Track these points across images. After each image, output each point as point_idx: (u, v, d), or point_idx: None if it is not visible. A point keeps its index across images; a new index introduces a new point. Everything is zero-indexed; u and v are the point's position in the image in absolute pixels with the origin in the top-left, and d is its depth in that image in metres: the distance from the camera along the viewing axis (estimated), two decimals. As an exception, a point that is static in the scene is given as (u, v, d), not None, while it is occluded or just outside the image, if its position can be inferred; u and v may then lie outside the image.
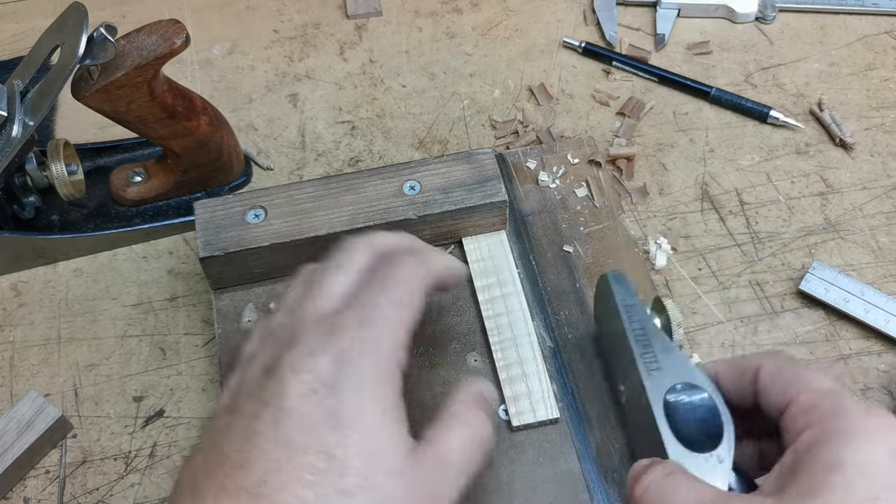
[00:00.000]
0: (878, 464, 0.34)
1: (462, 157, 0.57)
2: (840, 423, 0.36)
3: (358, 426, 0.36)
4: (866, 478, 0.34)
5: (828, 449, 0.35)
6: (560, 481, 0.49)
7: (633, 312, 0.47)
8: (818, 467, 0.35)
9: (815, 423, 0.37)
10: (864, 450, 0.35)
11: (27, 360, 0.57)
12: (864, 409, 0.37)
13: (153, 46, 0.53)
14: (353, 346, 0.38)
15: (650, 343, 0.45)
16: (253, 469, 0.35)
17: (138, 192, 0.62)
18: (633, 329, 0.46)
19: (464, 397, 0.43)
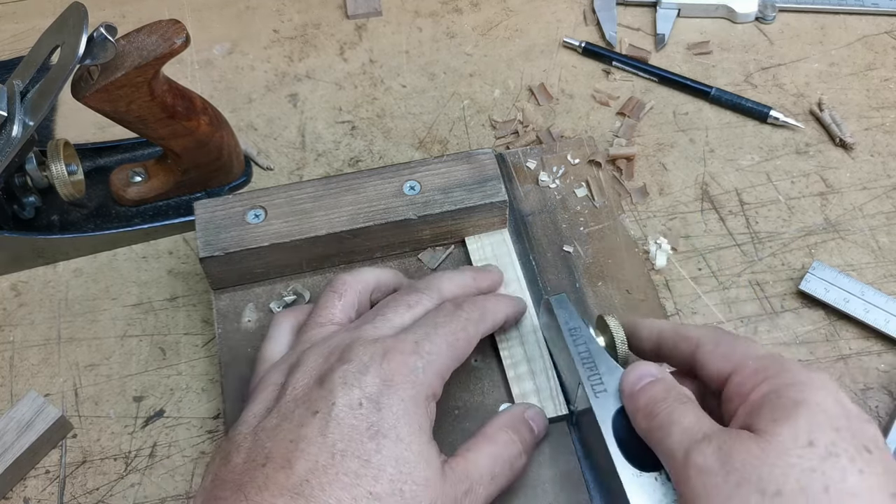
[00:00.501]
0: (832, 405, 0.38)
1: (462, 157, 0.57)
2: (789, 377, 0.39)
3: (393, 438, 0.41)
4: (826, 413, 0.37)
5: (787, 394, 0.38)
6: (560, 481, 0.49)
7: (578, 335, 0.47)
8: (781, 406, 0.38)
9: (764, 382, 0.40)
10: (819, 394, 0.38)
11: (27, 360, 0.57)
12: (805, 366, 0.41)
13: (153, 46, 0.53)
14: (400, 371, 0.42)
15: (595, 365, 0.46)
16: (295, 470, 0.39)
17: (138, 192, 0.62)
18: (579, 352, 0.47)
19: (502, 418, 0.47)
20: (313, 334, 0.47)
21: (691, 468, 0.38)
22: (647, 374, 0.44)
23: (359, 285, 0.50)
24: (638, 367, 0.44)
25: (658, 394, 0.42)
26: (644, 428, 0.42)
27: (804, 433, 0.37)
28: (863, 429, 0.38)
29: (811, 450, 0.36)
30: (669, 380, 0.43)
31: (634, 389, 0.43)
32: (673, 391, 0.42)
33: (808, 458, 0.36)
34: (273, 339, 0.49)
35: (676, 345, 0.46)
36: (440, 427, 0.51)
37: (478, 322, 0.47)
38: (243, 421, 0.43)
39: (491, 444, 0.45)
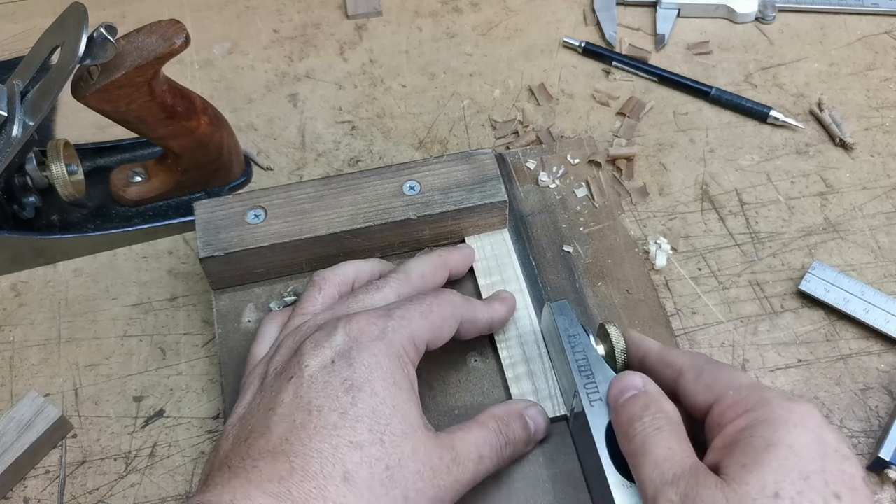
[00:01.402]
0: (807, 446, 0.37)
1: (462, 157, 0.57)
2: (767, 413, 0.39)
3: (368, 392, 0.41)
4: (798, 458, 0.37)
5: (760, 433, 0.38)
6: (560, 481, 0.49)
7: (576, 342, 0.47)
8: (752, 448, 0.38)
9: (743, 414, 0.39)
10: (794, 434, 0.38)
11: (27, 360, 0.57)
12: (787, 398, 0.40)
13: (153, 46, 0.53)
14: (369, 329, 0.43)
15: (592, 373, 0.46)
16: (274, 433, 0.40)
17: (138, 192, 0.62)
18: (577, 359, 0.47)
19: (497, 409, 0.48)
20: (293, 323, 0.48)
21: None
22: (630, 387, 0.44)
23: (337, 279, 0.51)
24: (623, 378, 0.44)
25: (637, 411, 0.42)
26: (623, 448, 0.42)
27: (771, 483, 0.36)
28: (840, 470, 0.37)
29: (776, 502, 0.36)
30: (653, 394, 0.43)
31: (618, 403, 0.44)
32: (652, 408, 0.42)
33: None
34: (261, 339, 0.50)
35: (660, 370, 0.46)
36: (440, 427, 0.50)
37: (458, 304, 0.48)
38: (233, 413, 0.44)
39: (481, 429, 0.46)
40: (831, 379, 0.55)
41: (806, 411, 0.39)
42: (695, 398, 0.43)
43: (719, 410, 0.41)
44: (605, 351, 0.49)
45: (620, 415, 0.43)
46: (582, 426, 0.46)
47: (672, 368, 0.45)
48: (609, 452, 0.44)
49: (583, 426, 0.46)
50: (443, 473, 0.42)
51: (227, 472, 0.39)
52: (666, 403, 0.43)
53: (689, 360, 0.44)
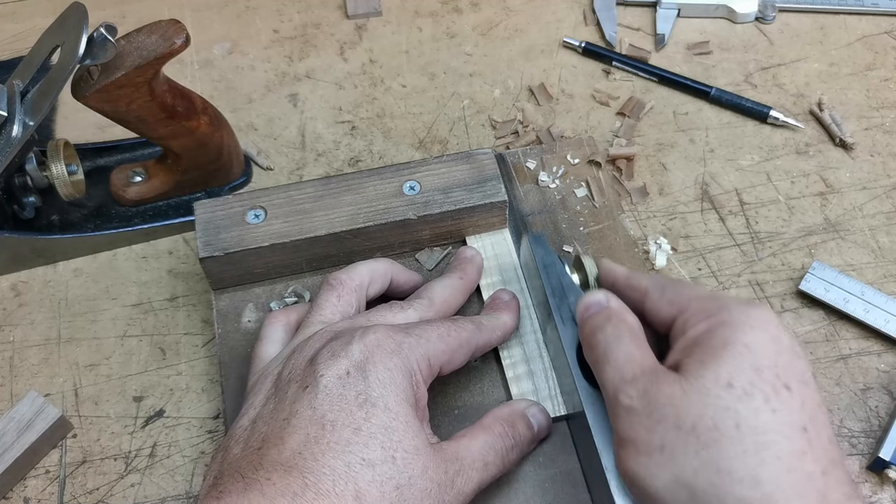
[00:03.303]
0: (761, 344, 0.39)
1: (462, 157, 0.57)
2: (726, 316, 0.41)
3: (382, 407, 0.41)
4: (752, 354, 0.39)
5: (718, 334, 0.40)
6: (560, 481, 0.49)
7: (552, 270, 0.51)
8: (711, 347, 0.40)
9: (704, 319, 0.41)
10: (750, 334, 0.40)
11: (27, 360, 0.57)
12: (745, 303, 0.42)
13: (153, 46, 0.53)
14: (385, 342, 0.43)
15: (565, 296, 0.49)
16: (287, 445, 0.40)
17: (138, 192, 0.62)
18: (551, 284, 0.50)
19: (501, 411, 0.48)
20: (311, 331, 0.48)
21: (619, 407, 0.41)
22: (594, 304, 0.46)
23: (354, 283, 0.50)
24: (587, 295, 0.47)
25: (599, 323, 0.44)
26: (587, 358, 0.45)
27: (725, 375, 0.38)
28: (791, 365, 0.39)
29: (729, 391, 0.38)
30: (615, 308, 0.45)
31: (583, 318, 0.46)
32: (613, 319, 0.44)
33: (725, 398, 0.38)
34: (267, 339, 0.50)
35: (627, 294, 0.47)
36: (440, 427, 0.51)
37: (473, 330, 0.48)
38: (243, 415, 0.44)
39: (485, 434, 0.46)
40: (831, 379, 0.55)
41: (762, 315, 0.41)
42: (659, 314, 0.45)
43: (682, 320, 0.43)
44: (579, 280, 0.51)
45: (585, 327, 0.45)
46: (557, 346, 0.49)
47: (638, 290, 0.47)
48: (581, 368, 0.47)
49: (557, 346, 0.49)
50: (447, 488, 0.42)
51: (240, 482, 0.39)
52: (628, 315, 0.45)
53: (652, 281, 0.46)
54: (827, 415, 0.40)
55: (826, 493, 0.37)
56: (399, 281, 0.53)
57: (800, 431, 0.38)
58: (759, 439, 0.37)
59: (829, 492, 0.37)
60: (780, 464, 0.37)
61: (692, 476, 0.37)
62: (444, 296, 0.51)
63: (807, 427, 0.38)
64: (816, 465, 0.37)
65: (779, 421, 0.38)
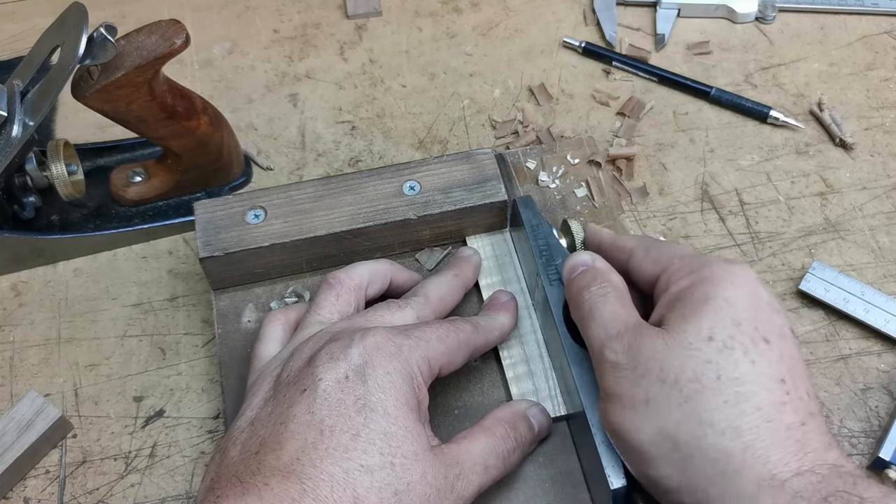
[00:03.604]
0: (741, 299, 0.41)
1: (462, 157, 0.57)
2: (708, 273, 0.42)
3: (381, 412, 0.41)
4: (732, 308, 0.40)
5: (700, 289, 0.41)
6: (560, 481, 0.49)
7: (539, 232, 0.52)
8: (692, 302, 0.41)
9: (686, 276, 0.43)
10: (730, 289, 0.41)
11: (27, 360, 0.57)
12: (727, 261, 0.43)
13: (153, 46, 0.53)
14: (385, 346, 0.43)
15: (553, 257, 0.51)
16: (286, 450, 0.39)
17: (138, 192, 0.62)
18: (539, 245, 0.51)
19: (502, 412, 0.48)
20: (310, 331, 0.48)
21: (605, 363, 0.42)
22: (580, 264, 0.47)
23: (353, 282, 0.50)
24: (573, 256, 0.48)
25: (585, 283, 0.46)
26: (573, 317, 0.46)
27: (706, 329, 0.40)
28: (770, 319, 0.41)
29: (709, 343, 0.39)
30: (600, 268, 0.47)
31: (570, 278, 0.47)
32: (599, 279, 0.45)
33: (706, 351, 0.39)
34: (266, 338, 0.50)
35: (613, 255, 0.48)
36: (440, 427, 0.51)
37: (471, 331, 0.48)
38: (241, 416, 0.44)
39: (487, 436, 0.45)
40: (831, 379, 0.55)
41: (743, 271, 0.42)
42: (643, 273, 0.46)
43: (665, 277, 0.44)
44: (567, 243, 0.52)
45: (571, 287, 0.47)
46: (544, 306, 0.50)
47: (623, 251, 0.48)
48: (567, 327, 0.48)
49: (545, 306, 0.50)
50: (447, 492, 0.42)
51: (238, 486, 0.38)
52: (613, 275, 0.46)
53: (637, 241, 0.48)
54: (806, 369, 0.41)
55: (805, 442, 0.37)
56: (399, 281, 0.53)
57: (778, 383, 0.39)
58: (738, 390, 0.38)
59: (808, 441, 0.38)
60: (759, 414, 0.38)
61: (675, 428, 0.38)
62: (439, 293, 0.51)
63: (785, 379, 0.39)
64: (795, 416, 0.38)
65: (757, 372, 0.39)
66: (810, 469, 0.37)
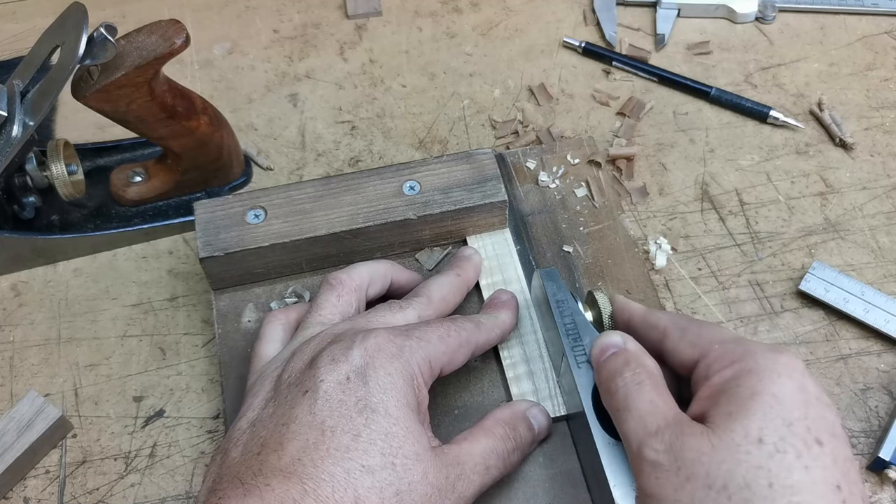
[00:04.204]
0: (790, 394, 0.38)
1: (462, 157, 0.57)
2: (753, 363, 0.39)
3: (382, 413, 0.41)
4: (782, 406, 0.38)
5: (745, 383, 0.39)
6: (560, 481, 0.49)
7: (564, 307, 0.49)
8: (738, 397, 0.38)
9: (729, 365, 0.40)
10: (778, 383, 0.38)
11: (27, 360, 0.57)
12: (771, 349, 0.40)
13: (153, 46, 0.53)
14: (386, 346, 0.43)
15: (580, 337, 0.47)
16: (287, 451, 0.39)
17: (138, 192, 0.62)
18: (565, 323, 0.48)
19: (502, 413, 0.48)
20: (311, 332, 0.48)
21: (644, 462, 0.39)
22: (610, 346, 0.44)
23: (354, 283, 0.50)
24: (604, 337, 0.45)
25: (617, 368, 0.43)
26: (605, 405, 0.43)
27: (755, 430, 0.37)
28: (822, 417, 0.38)
29: (760, 447, 0.37)
30: (633, 351, 0.44)
31: (599, 361, 0.44)
32: (632, 364, 0.43)
33: (756, 455, 0.37)
34: (266, 338, 0.50)
35: (645, 332, 0.46)
36: (440, 427, 0.51)
37: (472, 329, 0.48)
38: (242, 417, 0.44)
39: (487, 437, 0.45)
40: (831, 379, 0.55)
41: (789, 361, 0.40)
42: (680, 356, 0.43)
43: (705, 364, 0.41)
44: (592, 317, 0.50)
45: (602, 372, 0.44)
46: (570, 388, 0.47)
47: (656, 329, 0.45)
48: (596, 413, 0.45)
49: (571, 388, 0.47)
50: (448, 492, 0.42)
51: (239, 487, 0.38)
52: (646, 359, 0.43)
53: (672, 320, 0.45)
54: (858, 470, 0.39)
55: None
56: (399, 282, 0.53)
57: (834, 490, 0.36)
58: (793, 500, 0.36)
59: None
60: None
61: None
62: (441, 293, 0.51)
63: (840, 485, 0.37)
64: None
65: (812, 479, 0.36)
66: None
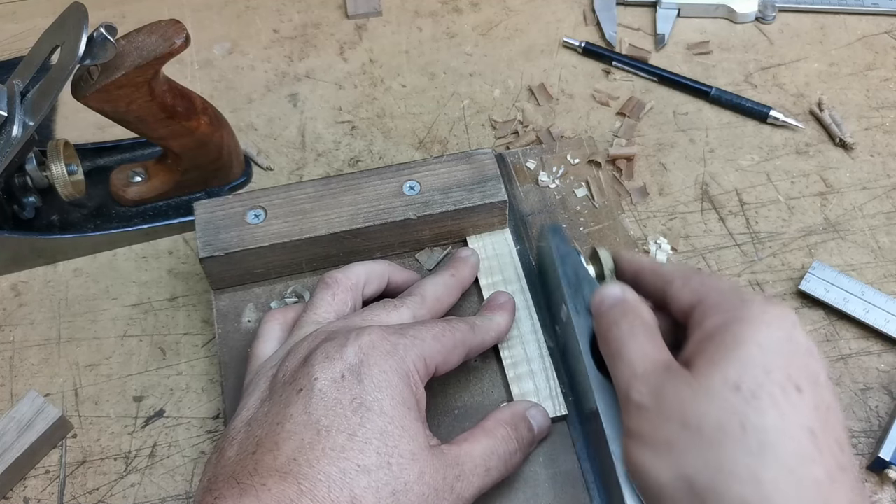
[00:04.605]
0: (775, 343, 0.39)
1: (462, 157, 0.57)
2: (743, 312, 0.40)
3: (377, 411, 0.41)
4: (764, 354, 0.39)
5: (733, 330, 0.40)
6: (560, 481, 0.49)
7: (567, 261, 0.51)
8: (723, 344, 0.40)
9: (721, 313, 0.41)
10: (765, 333, 0.39)
11: (27, 360, 0.57)
12: (764, 299, 0.41)
13: (153, 46, 0.53)
14: (381, 344, 0.43)
15: (581, 287, 0.49)
16: (283, 450, 0.40)
17: (138, 192, 0.62)
18: (566, 274, 0.50)
19: (503, 414, 0.48)
20: (306, 331, 0.48)
21: (630, 403, 0.41)
22: (610, 297, 0.46)
23: (349, 281, 0.50)
24: (604, 288, 0.47)
25: (615, 317, 0.45)
26: (602, 351, 0.45)
27: (734, 377, 0.38)
28: (805, 365, 0.39)
29: (736, 393, 0.38)
30: (631, 301, 0.45)
31: (599, 311, 0.46)
32: (629, 314, 0.44)
33: (732, 401, 0.38)
34: (264, 337, 0.50)
35: (652, 282, 0.48)
36: (440, 427, 0.51)
37: (467, 330, 0.48)
38: (237, 416, 0.44)
39: (488, 438, 0.45)
40: (831, 379, 0.55)
41: (781, 312, 0.41)
42: (680, 302, 0.45)
43: (701, 310, 0.43)
44: (595, 272, 0.51)
45: (600, 321, 0.46)
46: (570, 335, 0.50)
47: (662, 279, 0.47)
48: (594, 359, 0.47)
49: (570, 335, 0.49)
50: (446, 493, 0.42)
51: (235, 487, 0.38)
52: (643, 309, 0.45)
53: (679, 269, 0.47)
54: (842, 419, 0.39)
55: (829, 499, 0.36)
56: (397, 281, 0.53)
57: (807, 434, 0.37)
58: (763, 440, 0.37)
59: (834, 499, 0.36)
60: (782, 466, 0.36)
61: (694, 473, 0.38)
62: (435, 293, 0.51)
63: (815, 430, 0.37)
64: (823, 471, 0.36)
65: (785, 422, 0.37)
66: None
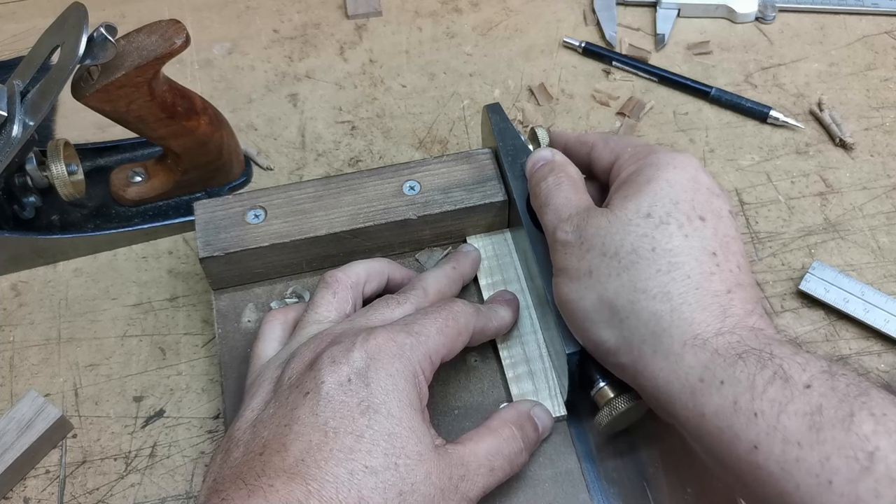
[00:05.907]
0: (681, 181, 0.44)
1: (462, 157, 0.57)
2: (654, 159, 0.46)
3: (384, 413, 0.41)
4: (672, 188, 0.44)
5: (644, 173, 0.45)
6: (560, 481, 0.49)
7: (506, 134, 0.56)
8: (636, 183, 0.45)
9: (635, 162, 0.47)
10: (673, 173, 0.45)
11: (27, 360, 0.57)
12: (672, 149, 0.47)
13: (153, 46, 0.53)
14: (387, 346, 0.43)
15: (518, 156, 0.55)
16: (290, 452, 0.40)
17: (138, 192, 0.62)
18: (506, 146, 0.55)
19: (508, 413, 0.48)
20: (309, 331, 0.48)
21: (556, 242, 0.46)
22: (540, 159, 0.51)
23: (350, 280, 0.50)
24: (536, 152, 0.52)
25: (543, 173, 0.50)
26: (533, 205, 0.50)
27: (645, 206, 0.43)
28: (708, 201, 0.44)
29: (647, 220, 0.43)
30: (559, 161, 0.50)
31: (531, 172, 0.51)
32: (556, 170, 0.49)
33: (643, 226, 0.43)
34: (265, 337, 0.50)
35: (577, 150, 0.52)
36: (440, 427, 0.51)
37: (470, 315, 0.48)
38: (241, 417, 0.44)
39: (493, 437, 0.45)
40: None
41: (686, 158, 0.46)
42: (601, 162, 0.50)
43: (618, 164, 0.48)
44: (533, 147, 0.55)
45: (532, 180, 0.51)
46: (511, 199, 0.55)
47: (585, 145, 0.51)
48: (529, 215, 0.52)
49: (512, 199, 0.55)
50: (451, 493, 0.42)
51: (243, 488, 0.38)
52: (569, 167, 0.50)
53: (599, 135, 0.51)
54: (741, 248, 0.44)
55: (728, 307, 0.41)
56: (396, 279, 0.53)
57: (709, 255, 0.42)
58: (671, 260, 0.42)
59: (731, 307, 0.41)
60: (688, 282, 0.41)
61: (613, 295, 0.43)
62: (438, 285, 0.51)
63: (716, 252, 0.43)
64: (722, 285, 0.42)
65: (690, 245, 0.42)
66: (730, 330, 0.40)
